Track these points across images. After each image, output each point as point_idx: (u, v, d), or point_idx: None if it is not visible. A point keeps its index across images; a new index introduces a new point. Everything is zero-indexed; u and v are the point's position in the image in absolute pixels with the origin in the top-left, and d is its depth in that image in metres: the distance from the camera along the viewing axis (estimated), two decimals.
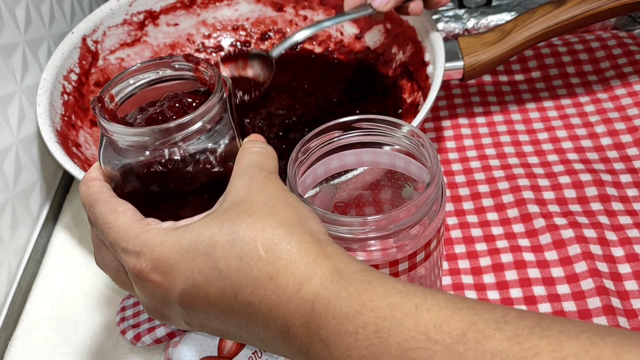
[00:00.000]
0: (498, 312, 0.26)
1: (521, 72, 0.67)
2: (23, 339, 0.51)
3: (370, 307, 0.27)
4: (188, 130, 0.33)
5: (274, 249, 0.29)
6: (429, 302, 0.26)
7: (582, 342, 0.23)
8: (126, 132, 0.33)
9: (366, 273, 0.28)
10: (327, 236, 0.31)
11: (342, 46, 0.68)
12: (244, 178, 0.32)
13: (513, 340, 0.24)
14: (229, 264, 0.29)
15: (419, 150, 0.37)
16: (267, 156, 0.34)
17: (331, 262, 0.29)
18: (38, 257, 0.58)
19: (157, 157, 0.34)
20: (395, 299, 0.27)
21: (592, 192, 0.54)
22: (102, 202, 0.34)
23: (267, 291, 0.29)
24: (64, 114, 0.58)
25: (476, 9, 0.73)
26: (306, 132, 0.42)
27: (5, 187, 0.54)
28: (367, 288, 0.27)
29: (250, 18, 0.71)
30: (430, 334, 0.25)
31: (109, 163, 0.35)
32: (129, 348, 0.50)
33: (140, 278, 0.32)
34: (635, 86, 0.62)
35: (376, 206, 0.46)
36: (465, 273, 0.50)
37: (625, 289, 0.47)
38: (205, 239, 0.30)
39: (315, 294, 0.28)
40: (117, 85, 0.36)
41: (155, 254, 0.31)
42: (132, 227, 0.32)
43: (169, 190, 0.35)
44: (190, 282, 0.30)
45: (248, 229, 0.30)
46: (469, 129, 0.62)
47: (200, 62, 0.36)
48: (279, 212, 0.30)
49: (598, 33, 0.70)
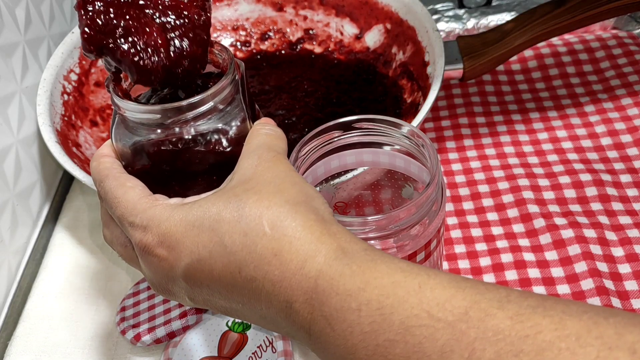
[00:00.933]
0: (501, 291, 0.26)
1: (521, 72, 0.67)
2: (23, 339, 0.51)
3: (373, 285, 0.27)
4: (199, 110, 0.33)
5: (279, 225, 0.29)
6: (432, 280, 0.26)
7: (585, 321, 0.23)
8: (138, 109, 0.33)
9: (370, 252, 0.28)
10: (331, 216, 0.31)
11: (342, 46, 0.68)
12: (252, 157, 0.33)
13: (515, 319, 0.24)
14: (234, 239, 0.29)
15: (419, 150, 0.37)
16: (277, 137, 0.34)
17: (335, 240, 0.29)
18: (38, 257, 0.58)
19: (168, 135, 0.34)
20: (399, 277, 0.27)
21: (592, 192, 0.54)
22: (112, 178, 0.34)
23: (270, 267, 0.29)
24: (64, 114, 0.58)
25: (476, 9, 0.73)
26: (306, 132, 0.42)
27: (5, 187, 0.54)
28: (371, 266, 0.27)
29: (250, 18, 0.71)
30: (433, 311, 0.25)
31: (120, 140, 0.35)
32: (129, 348, 0.50)
33: (146, 252, 0.32)
34: (635, 86, 0.62)
35: (376, 206, 0.46)
36: (465, 273, 0.50)
37: (625, 289, 0.47)
38: (212, 214, 0.30)
39: (319, 270, 0.28)
40: None
41: (162, 229, 0.31)
42: (140, 201, 0.33)
43: (178, 170, 0.35)
44: (195, 256, 0.30)
45: (254, 206, 0.30)
46: (469, 129, 0.62)
47: (214, 45, 0.36)
48: (285, 191, 0.31)
49: (598, 33, 0.70)
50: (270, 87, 0.65)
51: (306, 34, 0.70)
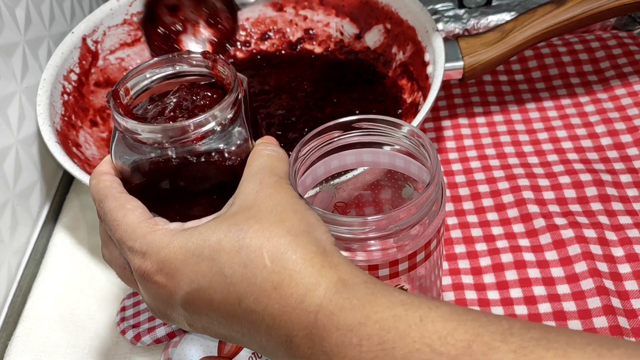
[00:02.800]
0: (503, 323, 0.25)
1: (521, 72, 0.67)
2: (23, 339, 0.51)
3: (374, 319, 0.26)
4: (201, 129, 0.33)
5: (280, 258, 0.29)
6: (433, 313, 0.26)
7: (589, 354, 0.23)
8: (138, 128, 0.33)
9: (370, 285, 0.28)
10: (333, 246, 0.31)
11: (342, 46, 0.68)
12: (253, 182, 0.32)
13: (519, 352, 0.24)
14: (233, 270, 0.29)
15: (419, 150, 0.37)
16: (279, 159, 0.34)
17: (336, 272, 0.29)
18: (38, 257, 0.58)
19: (168, 154, 0.34)
20: (399, 310, 0.27)
21: (592, 192, 0.54)
22: (112, 198, 0.34)
23: (270, 300, 0.28)
24: (64, 114, 0.58)
25: (476, 9, 0.73)
26: (306, 132, 0.42)
27: (5, 187, 0.54)
28: (371, 300, 0.27)
29: (250, 18, 0.71)
30: (435, 345, 0.25)
31: (120, 157, 0.35)
32: (129, 348, 0.50)
33: (144, 279, 0.32)
34: (635, 86, 0.62)
35: (376, 206, 0.46)
36: (465, 273, 0.50)
37: (625, 289, 0.47)
38: (212, 243, 0.30)
39: (319, 305, 0.28)
40: (134, 78, 0.36)
41: (161, 256, 0.31)
42: (140, 226, 0.32)
43: (178, 188, 0.35)
44: (195, 285, 0.30)
45: (255, 236, 0.29)
46: (469, 129, 0.62)
47: (217, 60, 0.36)
48: (286, 220, 0.30)
49: (598, 33, 0.70)
50: (270, 87, 0.65)
51: (306, 34, 0.70)
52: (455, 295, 0.48)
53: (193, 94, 0.36)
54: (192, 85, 0.37)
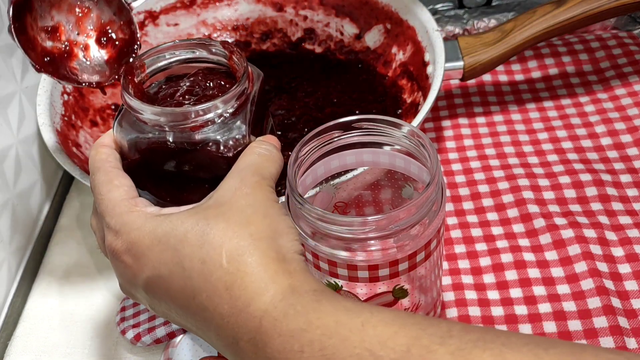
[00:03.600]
0: (443, 326, 0.26)
1: (521, 72, 0.67)
2: (23, 339, 0.51)
3: (316, 325, 0.27)
4: (201, 118, 0.33)
5: (236, 259, 0.29)
6: (374, 318, 0.26)
7: (524, 354, 0.23)
8: (141, 108, 0.34)
9: (319, 293, 0.28)
10: (296, 254, 0.31)
11: (342, 46, 0.68)
12: (235, 178, 0.33)
13: (457, 354, 0.24)
14: (193, 264, 0.30)
15: (419, 150, 0.37)
16: (268, 160, 0.34)
17: (287, 279, 0.29)
18: (38, 257, 0.58)
19: (166, 137, 0.34)
20: (342, 316, 0.27)
21: (592, 192, 0.54)
22: (103, 172, 0.35)
23: (221, 300, 0.29)
24: (64, 114, 0.58)
25: (476, 9, 0.73)
26: (306, 132, 0.42)
27: (5, 187, 0.54)
28: (315, 307, 0.27)
29: (250, 18, 0.71)
30: (375, 349, 0.25)
31: (120, 132, 0.36)
32: (129, 348, 0.50)
33: (114, 256, 0.32)
34: (635, 86, 0.62)
35: (376, 206, 0.46)
36: (465, 273, 0.50)
37: (625, 289, 0.47)
38: (178, 233, 0.31)
39: (264, 310, 0.28)
40: (151, 57, 0.37)
41: (131, 237, 0.31)
42: (120, 204, 0.33)
43: (172, 171, 0.35)
44: (156, 272, 0.31)
45: (218, 234, 0.30)
46: (469, 129, 0.62)
47: (234, 52, 0.36)
48: (252, 223, 0.31)
49: (598, 33, 0.70)
50: (270, 87, 0.65)
51: (306, 34, 0.70)
52: (455, 295, 0.48)
53: (207, 80, 0.36)
54: (210, 71, 0.37)
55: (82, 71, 0.38)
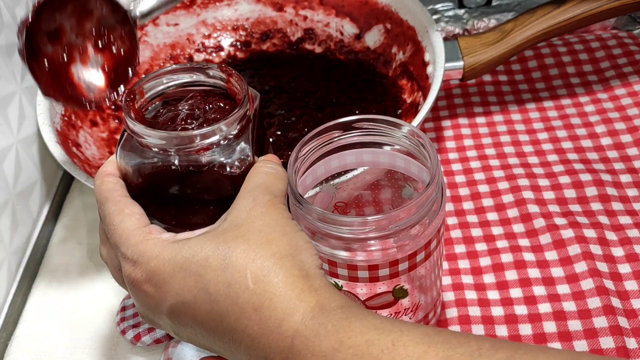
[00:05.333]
0: (472, 344, 0.26)
1: (521, 72, 0.67)
2: (23, 339, 0.51)
3: (347, 345, 0.27)
4: (206, 141, 0.34)
5: (262, 280, 0.30)
6: (405, 337, 0.27)
7: None
8: (145, 132, 0.34)
9: (346, 309, 0.29)
10: (318, 269, 0.31)
11: (342, 46, 0.68)
12: (247, 199, 0.33)
13: None
14: (218, 288, 0.30)
15: (419, 150, 0.37)
16: (276, 178, 0.34)
17: (315, 296, 0.29)
18: (38, 257, 0.58)
19: (170, 160, 0.34)
20: (372, 335, 0.27)
21: (592, 192, 0.54)
22: (112, 202, 0.34)
23: (250, 322, 0.29)
24: (64, 114, 0.58)
25: (476, 9, 0.73)
26: (306, 132, 0.42)
27: (5, 187, 0.54)
28: (345, 325, 0.28)
29: (250, 18, 0.71)
30: None
31: (124, 158, 0.36)
32: (129, 348, 0.50)
33: (133, 286, 0.32)
34: (635, 86, 0.62)
35: (376, 206, 0.46)
36: (465, 273, 0.50)
37: (625, 289, 0.47)
38: (200, 259, 0.31)
39: (296, 330, 0.28)
40: (150, 82, 0.37)
41: (151, 266, 0.31)
42: (134, 233, 0.33)
43: (177, 195, 0.35)
44: (180, 299, 0.31)
45: (240, 256, 0.30)
46: (469, 129, 0.62)
47: (232, 74, 0.37)
48: (273, 242, 0.31)
49: (598, 33, 0.70)
50: (270, 87, 0.65)
51: (306, 34, 0.70)
52: (455, 295, 0.48)
53: (206, 103, 0.36)
54: (207, 93, 0.37)
55: (84, 85, 0.38)
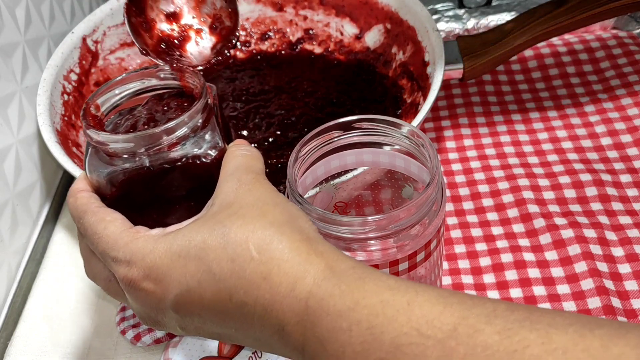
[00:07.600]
0: (488, 306, 0.26)
1: (521, 72, 0.67)
2: (23, 339, 0.51)
3: (362, 304, 0.27)
4: (173, 136, 0.33)
5: (266, 249, 0.29)
6: (420, 297, 0.27)
7: (571, 335, 0.24)
8: (110, 139, 0.33)
9: (358, 269, 0.29)
10: (317, 234, 0.31)
11: (342, 46, 0.68)
12: (231, 181, 0.33)
13: (503, 334, 0.24)
14: (221, 266, 0.30)
15: (419, 150, 0.37)
16: (253, 158, 0.34)
17: (323, 259, 0.29)
18: (38, 257, 0.58)
19: (142, 163, 0.34)
20: (387, 295, 0.27)
21: (592, 192, 0.54)
22: (90, 213, 0.34)
23: (260, 291, 0.29)
24: (64, 114, 0.58)
25: (476, 9, 0.73)
26: (306, 132, 0.42)
27: (5, 187, 0.54)
28: (359, 285, 0.28)
29: (250, 18, 0.71)
30: (422, 329, 0.25)
31: (94, 171, 0.35)
32: (129, 348, 0.50)
33: (132, 287, 0.32)
34: (635, 86, 0.62)
35: (376, 206, 0.46)
36: (465, 273, 0.50)
37: (625, 289, 0.47)
38: (197, 243, 0.30)
39: (309, 292, 0.28)
40: (103, 95, 0.37)
41: (147, 262, 0.31)
42: (121, 235, 0.32)
43: (155, 197, 0.35)
44: (184, 287, 0.30)
45: (239, 231, 0.30)
46: (469, 129, 0.62)
47: (185, 71, 0.37)
48: (268, 213, 0.31)
49: (598, 33, 0.70)
50: (270, 87, 0.65)
51: (306, 34, 0.70)
52: None
53: (163, 105, 0.36)
54: (161, 96, 0.37)
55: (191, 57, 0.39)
